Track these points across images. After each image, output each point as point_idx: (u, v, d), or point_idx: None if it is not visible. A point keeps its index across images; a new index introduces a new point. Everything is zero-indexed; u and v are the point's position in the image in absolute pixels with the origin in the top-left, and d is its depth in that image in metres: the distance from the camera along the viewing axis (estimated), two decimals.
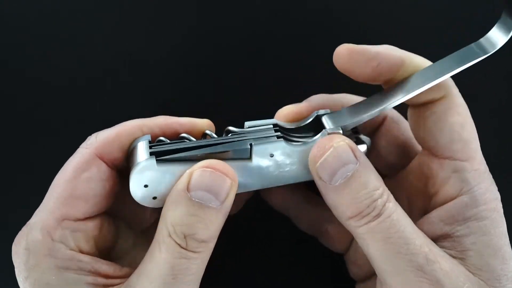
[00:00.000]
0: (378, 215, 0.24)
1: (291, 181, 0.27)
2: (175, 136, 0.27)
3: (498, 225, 0.25)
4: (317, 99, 0.29)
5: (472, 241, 0.24)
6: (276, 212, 0.34)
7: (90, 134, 0.36)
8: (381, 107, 0.26)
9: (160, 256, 0.24)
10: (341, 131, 0.26)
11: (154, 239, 0.25)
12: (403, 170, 0.30)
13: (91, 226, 0.26)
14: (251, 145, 0.25)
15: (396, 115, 0.30)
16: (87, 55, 0.37)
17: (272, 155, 0.26)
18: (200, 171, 0.24)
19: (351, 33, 0.38)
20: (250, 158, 0.26)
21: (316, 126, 0.27)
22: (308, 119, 0.28)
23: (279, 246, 0.36)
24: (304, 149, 0.26)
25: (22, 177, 0.36)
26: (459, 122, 0.26)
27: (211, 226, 0.24)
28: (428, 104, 0.26)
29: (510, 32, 0.24)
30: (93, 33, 0.37)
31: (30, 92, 0.37)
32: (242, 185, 0.26)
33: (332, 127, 0.26)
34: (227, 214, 0.25)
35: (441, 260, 0.23)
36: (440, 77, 0.25)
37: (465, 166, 0.25)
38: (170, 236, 0.23)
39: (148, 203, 0.26)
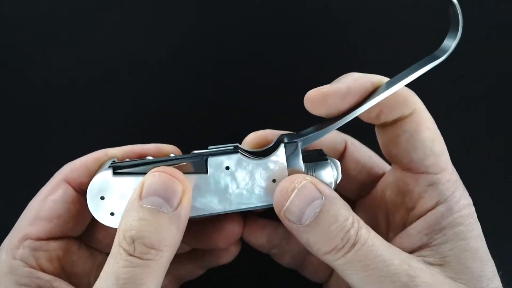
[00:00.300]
0: (354, 244, 0.24)
1: (255, 203, 0.26)
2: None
3: (473, 228, 0.26)
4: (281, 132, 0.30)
5: (449, 248, 0.25)
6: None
7: (90, 134, 0.37)
8: (339, 121, 0.26)
9: (107, 269, 0.23)
10: (299, 144, 0.26)
11: None
12: (376, 187, 0.30)
13: (55, 246, 0.27)
14: (206, 158, 0.25)
15: (355, 140, 0.31)
16: (87, 55, 0.37)
17: (228, 168, 0.25)
18: (150, 175, 0.24)
19: (351, 33, 0.38)
20: (206, 171, 0.25)
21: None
22: (271, 144, 0.28)
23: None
24: (262, 163, 0.26)
25: (22, 177, 0.36)
26: (430, 137, 0.26)
27: (162, 232, 0.23)
28: (397, 121, 0.27)
29: (456, 39, 0.25)
30: (93, 33, 0.37)
31: (30, 92, 0.37)
32: (203, 205, 0.26)
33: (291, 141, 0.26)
34: (184, 225, 0.24)
35: (421, 274, 0.24)
36: (391, 87, 0.25)
37: (439, 179, 0.26)
38: (119, 245, 0.23)
39: (105, 219, 0.26)
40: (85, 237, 0.29)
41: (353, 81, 0.26)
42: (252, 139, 0.29)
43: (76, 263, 0.28)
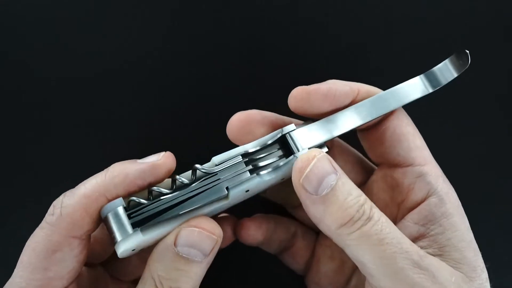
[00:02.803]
0: (369, 218, 0.24)
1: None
2: (142, 189, 0.26)
3: (465, 220, 0.27)
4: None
5: (447, 238, 0.26)
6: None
7: (90, 134, 0.36)
8: (350, 127, 0.27)
9: None
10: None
11: None
12: (364, 186, 0.31)
13: None
14: (227, 188, 0.26)
15: (342, 142, 0.32)
16: (88, 54, 0.37)
17: (247, 191, 0.26)
18: (189, 230, 0.25)
19: (351, 33, 0.38)
20: (227, 197, 0.26)
21: (282, 142, 0.28)
22: (274, 137, 0.28)
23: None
24: (275, 176, 0.27)
25: (21, 178, 0.36)
26: (411, 132, 0.28)
27: (194, 277, 0.25)
28: (379, 122, 0.28)
29: (459, 71, 0.28)
30: (93, 33, 0.37)
31: (30, 92, 0.37)
32: (215, 211, 0.27)
33: (302, 150, 0.27)
34: (210, 263, 0.26)
35: (428, 256, 0.25)
36: (394, 107, 0.28)
37: (426, 170, 0.27)
38: (156, 287, 0.25)
39: (127, 255, 0.26)
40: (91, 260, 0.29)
41: (333, 83, 0.28)
42: (238, 118, 0.29)
43: None
